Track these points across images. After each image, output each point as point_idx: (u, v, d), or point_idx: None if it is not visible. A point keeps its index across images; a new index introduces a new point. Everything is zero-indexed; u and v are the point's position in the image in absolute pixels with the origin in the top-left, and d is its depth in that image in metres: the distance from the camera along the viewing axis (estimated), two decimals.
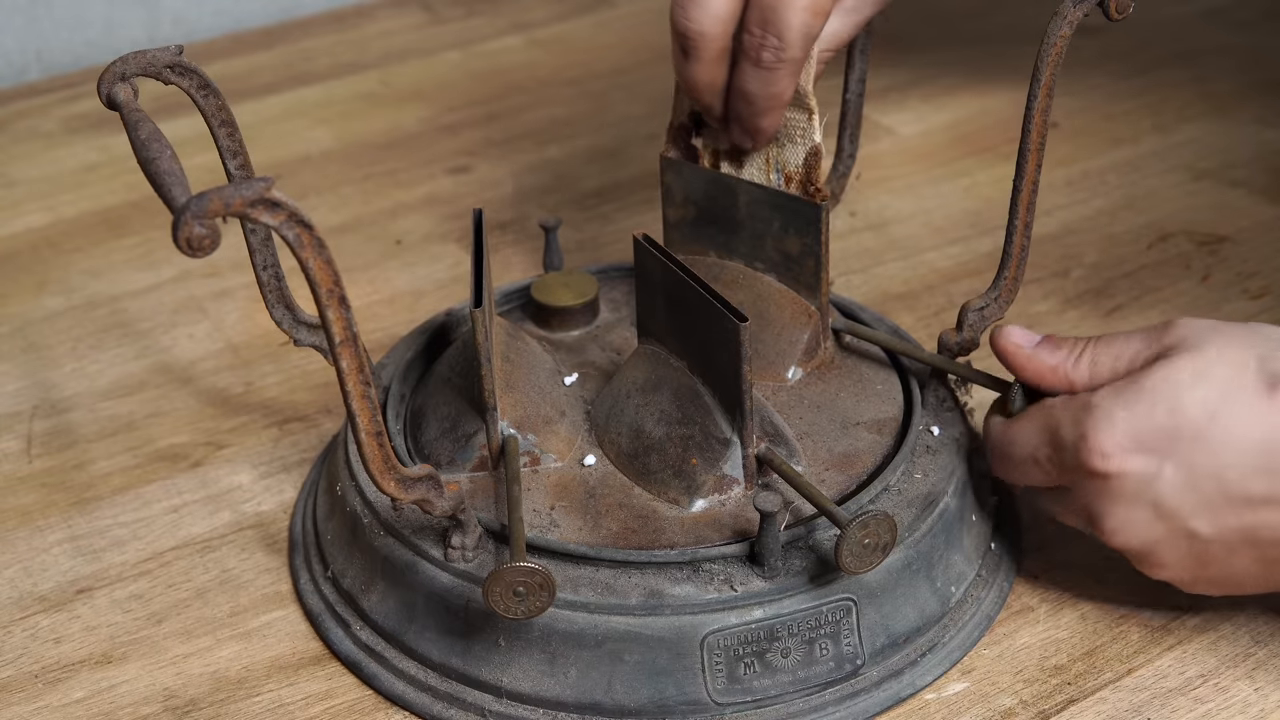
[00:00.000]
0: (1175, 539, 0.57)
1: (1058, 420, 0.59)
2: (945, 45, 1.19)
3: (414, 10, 1.31)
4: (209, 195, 0.45)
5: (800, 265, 0.69)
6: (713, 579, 0.58)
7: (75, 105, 1.14)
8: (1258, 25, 1.19)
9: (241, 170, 0.63)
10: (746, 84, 0.64)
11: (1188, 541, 0.57)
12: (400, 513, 0.62)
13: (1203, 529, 0.57)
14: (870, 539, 0.56)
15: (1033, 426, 0.61)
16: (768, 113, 0.65)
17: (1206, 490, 0.56)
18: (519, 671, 0.59)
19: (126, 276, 0.92)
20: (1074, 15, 0.59)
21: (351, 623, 0.63)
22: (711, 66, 0.64)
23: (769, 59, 0.62)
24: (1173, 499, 0.57)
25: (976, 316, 0.66)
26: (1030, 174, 0.62)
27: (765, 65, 0.63)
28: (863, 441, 0.65)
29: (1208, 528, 0.57)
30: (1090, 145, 1.01)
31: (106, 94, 0.57)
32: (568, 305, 0.73)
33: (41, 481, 0.75)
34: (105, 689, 0.62)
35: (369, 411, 0.52)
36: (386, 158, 1.05)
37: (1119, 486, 0.57)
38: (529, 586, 0.54)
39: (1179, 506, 0.57)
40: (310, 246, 0.47)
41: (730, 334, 0.58)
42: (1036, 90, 0.61)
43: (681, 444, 0.62)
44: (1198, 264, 0.87)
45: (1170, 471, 0.56)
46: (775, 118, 0.65)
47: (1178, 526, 0.57)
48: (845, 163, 0.74)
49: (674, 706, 0.58)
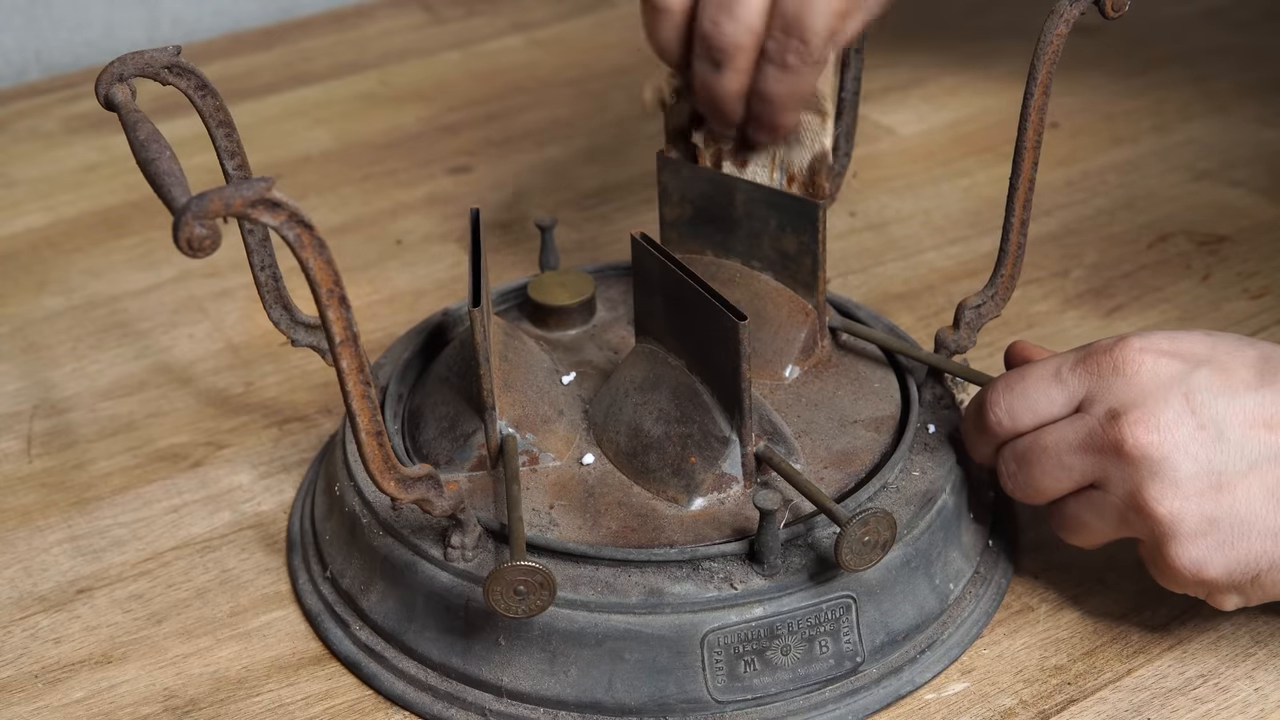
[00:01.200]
0: (1201, 443, 0.55)
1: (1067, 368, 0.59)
2: (945, 45, 1.19)
3: (414, 10, 1.31)
4: (209, 196, 0.45)
5: (797, 264, 0.69)
6: (712, 577, 0.58)
7: (75, 105, 1.14)
8: (1258, 25, 1.19)
9: (239, 170, 0.63)
10: (770, 86, 0.63)
11: (1215, 447, 0.55)
12: (399, 512, 0.62)
13: (1230, 432, 0.55)
14: (870, 536, 0.56)
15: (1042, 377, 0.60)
16: (789, 110, 0.64)
17: (1239, 389, 0.56)
18: (519, 670, 0.59)
19: (126, 276, 0.92)
20: (1070, 14, 0.59)
21: (351, 623, 0.63)
22: (743, 76, 0.63)
23: (794, 62, 0.62)
24: (1206, 393, 0.55)
25: (973, 314, 0.66)
26: (1026, 172, 0.62)
27: (790, 68, 0.62)
28: (861, 439, 0.65)
29: (1235, 430, 0.55)
30: (1090, 145, 1.01)
31: (104, 95, 0.57)
32: (564, 304, 0.73)
33: (41, 481, 0.75)
34: (105, 689, 0.62)
35: (369, 411, 0.52)
36: (386, 158, 1.05)
37: (1152, 380, 0.56)
38: (530, 585, 0.54)
39: (1211, 403, 0.55)
40: (311, 247, 0.47)
41: (729, 332, 0.58)
42: (1033, 88, 0.61)
43: (680, 442, 0.62)
44: (1198, 264, 0.87)
45: (1204, 371, 0.56)
46: (795, 115, 0.65)
47: (1206, 422, 0.55)
48: (841, 161, 0.74)
49: (674, 705, 0.58)
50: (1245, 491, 0.55)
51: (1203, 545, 0.55)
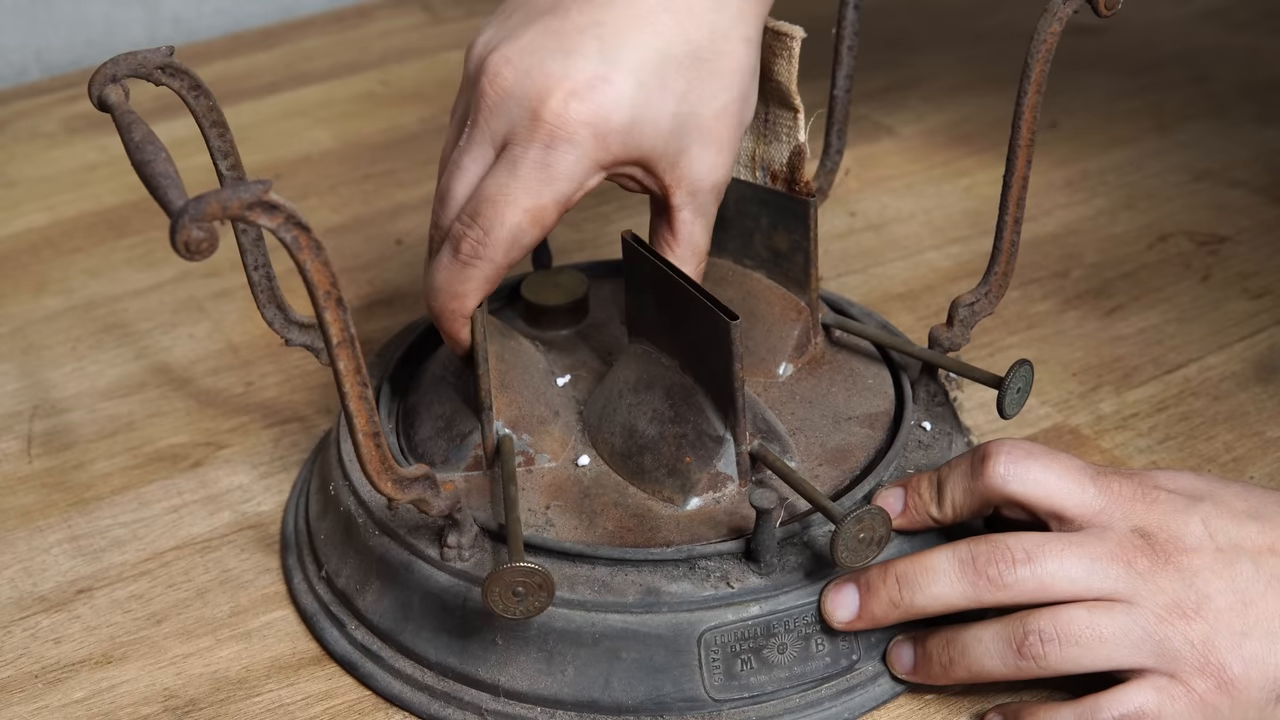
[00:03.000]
0: (1225, 563, 0.55)
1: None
2: (945, 45, 1.19)
3: (414, 10, 1.31)
4: (207, 198, 0.45)
5: (789, 261, 0.69)
6: (709, 576, 0.58)
7: (75, 105, 1.14)
8: (1258, 25, 1.19)
9: (233, 171, 0.63)
10: (436, 273, 0.61)
11: (1236, 568, 0.55)
12: (395, 512, 0.62)
13: (1244, 555, 0.56)
14: (865, 533, 0.56)
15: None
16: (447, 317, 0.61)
17: (1241, 519, 0.57)
18: (516, 670, 0.59)
19: (126, 277, 0.92)
20: (1063, 12, 0.59)
21: (347, 623, 0.63)
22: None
23: (467, 251, 0.59)
24: (1217, 521, 0.56)
25: (967, 312, 0.66)
26: (1020, 169, 0.63)
27: (462, 256, 0.60)
28: (855, 436, 0.65)
29: (1248, 554, 0.56)
30: (1090, 145, 1.01)
31: (98, 96, 0.57)
32: (557, 304, 0.73)
33: (41, 481, 0.75)
34: (105, 689, 0.62)
35: (366, 413, 0.52)
36: (386, 158, 1.05)
37: (1170, 507, 0.56)
38: (528, 586, 0.54)
39: (1224, 530, 0.56)
40: (308, 249, 0.47)
41: (720, 332, 0.58)
42: (1026, 86, 0.61)
43: (675, 442, 0.62)
44: (1198, 264, 0.87)
45: (1209, 505, 0.57)
46: (455, 327, 0.61)
47: (1224, 546, 0.56)
48: (833, 159, 0.74)
49: (671, 704, 0.58)
50: (1266, 607, 0.55)
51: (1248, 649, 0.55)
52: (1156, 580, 0.55)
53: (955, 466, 0.60)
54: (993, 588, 0.56)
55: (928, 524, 0.60)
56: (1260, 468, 0.71)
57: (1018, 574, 0.56)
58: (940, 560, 0.57)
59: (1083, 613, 0.55)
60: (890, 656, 0.59)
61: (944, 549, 0.57)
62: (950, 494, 0.60)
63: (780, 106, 0.66)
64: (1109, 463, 0.72)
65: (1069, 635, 0.55)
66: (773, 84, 0.65)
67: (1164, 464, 0.72)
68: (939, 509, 0.60)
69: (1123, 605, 0.55)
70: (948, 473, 0.60)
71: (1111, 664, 0.55)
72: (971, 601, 0.56)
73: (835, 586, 0.58)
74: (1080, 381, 0.78)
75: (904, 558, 0.58)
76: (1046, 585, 0.55)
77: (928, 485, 0.60)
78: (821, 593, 0.58)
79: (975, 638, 0.56)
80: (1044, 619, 0.55)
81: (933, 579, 0.57)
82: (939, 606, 0.57)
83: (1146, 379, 0.78)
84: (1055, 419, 0.75)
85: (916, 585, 0.57)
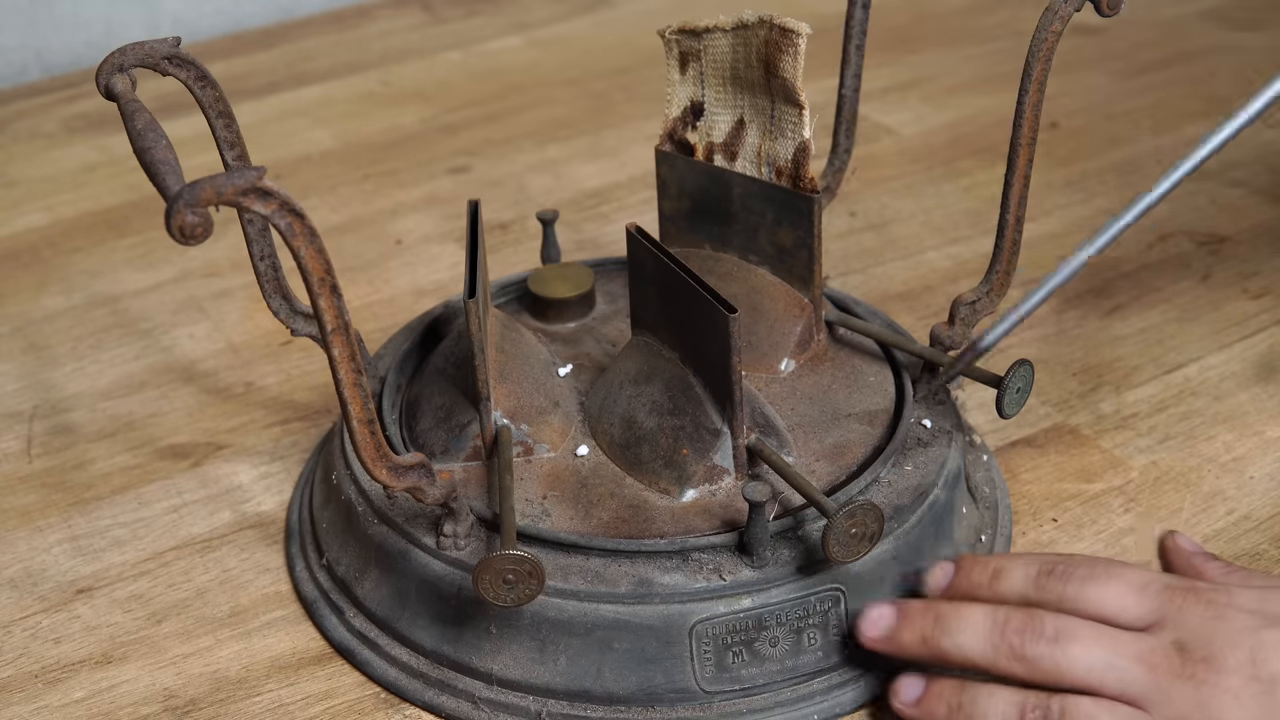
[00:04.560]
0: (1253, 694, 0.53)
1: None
2: (945, 45, 1.19)
3: (414, 10, 1.31)
4: (201, 184, 0.45)
5: (793, 258, 0.69)
6: (702, 568, 0.58)
7: (75, 105, 1.14)
8: (1258, 25, 1.19)
9: (239, 161, 0.63)
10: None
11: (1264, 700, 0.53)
12: (394, 501, 0.62)
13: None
14: (857, 528, 0.56)
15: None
16: None
17: None
18: (509, 659, 0.59)
19: (126, 276, 0.92)
20: (1065, 11, 0.59)
21: (345, 610, 0.63)
22: None
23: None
24: (1272, 650, 0.54)
25: (968, 311, 0.66)
26: (1021, 168, 0.63)
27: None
28: (854, 433, 0.65)
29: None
30: (1090, 145, 1.01)
31: (105, 85, 0.57)
32: (564, 297, 0.73)
33: (41, 481, 0.75)
34: (105, 689, 0.62)
35: (360, 399, 0.52)
36: (386, 158, 1.05)
37: (1226, 626, 0.54)
38: (519, 574, 0.54)
39: (1275, 660, 0.54)
40: (302, 235, 0.47)
41: (720, 325, 0.58)
42: (1028, 85, 0.61)
43: (673, 434, 0.62)
44: (1198, 264, 0.87)
45: (1276, 631, 0.54)
46: None
47: (1263, 676, 0.53)
48: (840, 158, 0.74)
49: (663, 694, 0.58)
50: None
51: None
52: (1173, 691, 0.53)
53: (1016, 565, 0.58)
54: (1013, 657, 0.55)
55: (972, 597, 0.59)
56: (1260, 468, 0.71)
57: (1039, 650, 0.55)
58: (978, 614, 0.56)
59: (1089, 705, 0.54)
60: (896, 686, 0.58)
61: (988, 605, 0.57)
62: (1004, 589, 0.58)
63: (786, 103, 0.66)
64: (1109, 463, 0.72)
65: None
66: (778, 80, 0.65)
67: (1163, 464, 0.72)
68: (989, 597, 0.58)
69: (1132, 711, 0.54)
70: (1007, 566, 0.58)
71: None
72: (990, 664, 0.55)
73: (876, 604, 0.58)
74: (1080, 381, 0.78)
75: (950, 602, 0.58)
76: (1063, 669, 0.54)
77: (980, 570, 0.59)
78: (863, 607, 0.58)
79: (989, 692, 0.56)
80: (1055, 700, 0.54)
81: (963, 628, 0.56)
82: (960, 657, 0.56)
83: (1146, 379, 0.78)
84: (1055, 419, 0.75)
85: (948, 630, 0.56)
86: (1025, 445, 0.74)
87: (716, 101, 0.69)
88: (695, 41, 0.68)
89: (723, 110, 0.69)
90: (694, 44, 0.68)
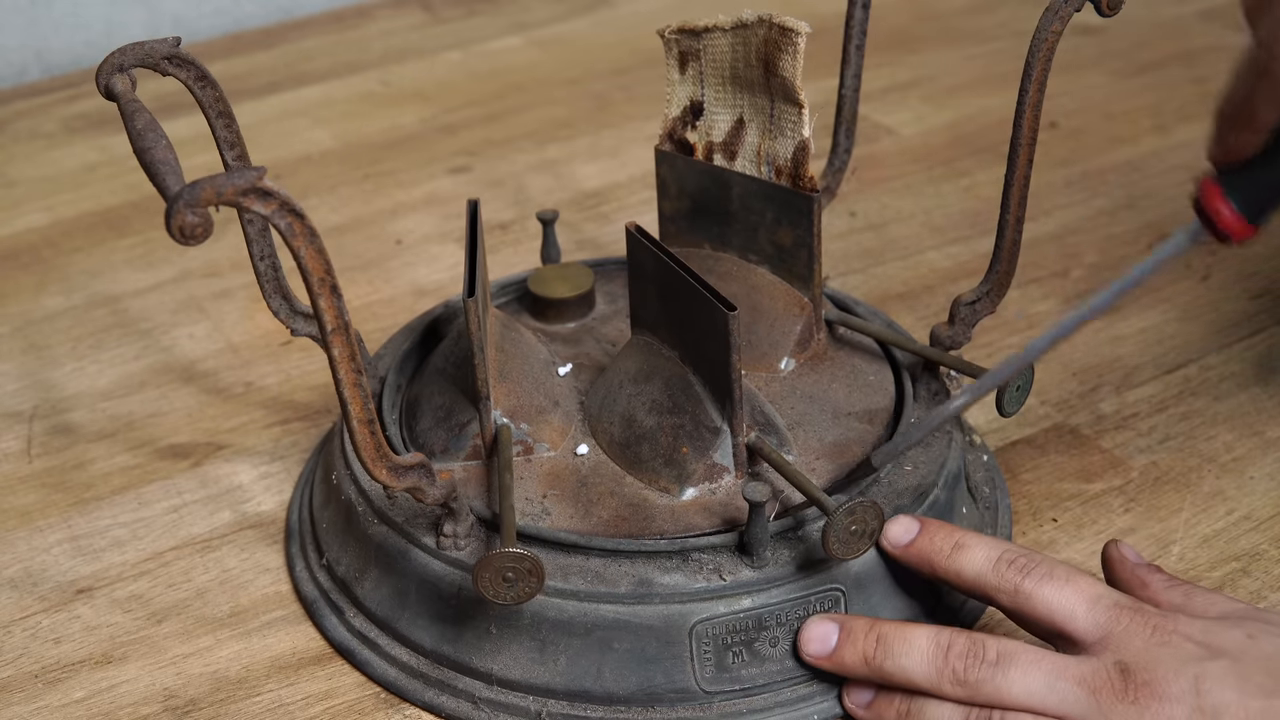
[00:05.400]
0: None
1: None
2: (945, 45, 1.19)
3: (414, 10, 1.31)
4: (201, 184, 0.45)
5: (793, 257, 0.69)
6: (702, 568, 0.58)
7: (75, 105, 1.14)
8: None
9: (239, 161, 0.63)
10: None
11: None
12: (394, 501, 0.62)
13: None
14: (857, 526, 0.56)
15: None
16: None
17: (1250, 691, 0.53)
18: (509, 659, 0.59)
19: (126, 276, 0.92)
20: (1065, 10, 0.60)
21: (345, 610, 0.63)
22: None
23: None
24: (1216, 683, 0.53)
25: (968, 310, 0.66)
26: (1022, 168, 0.63)
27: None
28: (854, 432, 0.65)
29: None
30: (1090, 145, 1.01)
31: (105, 84, 0.57)
32: (563, 297, 0.73)
33: (41, 481, 0.75)
34: (105, 689, 0.62)
35: (360, 399, 0.52)
36: (386, 158, 1.05)
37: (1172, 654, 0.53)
38: (518, 573, 0.54)
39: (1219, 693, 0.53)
40: (302, 235, 0.47)
41: (719, 324, 0.58)
42: (1028, 85, 0.61)
43: (672, 433, 0.62)
44: (1198, 264, 0.87)
45: (1223, 663, 0.53)
46: None
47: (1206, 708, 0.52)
48: (841, 158, 0.74)
49: (663, 694, 0.58)
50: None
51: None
52: (1113, 714, 0.53)
53: (981, 544, 0.58)
54: (954, 681, 0.55)
55: (927, 569, 0.59)
56: (1260, 468, 0.71)
57: (980, 674, 0.55)
58: (921, 636, 0.56)
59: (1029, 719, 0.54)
60: (850, 689, 0.58)
61: (932, 627, 0.57)
62: (962, 563, 0.58)
63: (785, 102, 0.66)
64: (1109, 463, 0.72)
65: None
66: (778, 79, 0.65)
67: (1163, 464, 0.72)
68: (944, 566, 0.59)
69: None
70: (972, 542, 0.58)
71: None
72: (932, 687, 0.55)
73: (819, 620, 0.58)
74: (1080, 381, 0.78)
75: (893, 621, 0.58)
76: (1002, 692, 0.54)
77: (944, 537, 0.59)
78: (803, 623, 0.58)
79: (936, 705, 0.56)
80: (997, 713, 0.54)
81: (906, 651, 0.56)
82: (903, 679, 0.56)
83: (1146, 379, 0.78)
84: (1055, 419, 0.75)
85: (890, 651, 0.56)
86: (1025, 445, 0.74)
87: (716, 101, 0.69)
88: (695, 41, 0.68)
89: (722, 110, 0.69)
90: (693, 43, 0.68)
